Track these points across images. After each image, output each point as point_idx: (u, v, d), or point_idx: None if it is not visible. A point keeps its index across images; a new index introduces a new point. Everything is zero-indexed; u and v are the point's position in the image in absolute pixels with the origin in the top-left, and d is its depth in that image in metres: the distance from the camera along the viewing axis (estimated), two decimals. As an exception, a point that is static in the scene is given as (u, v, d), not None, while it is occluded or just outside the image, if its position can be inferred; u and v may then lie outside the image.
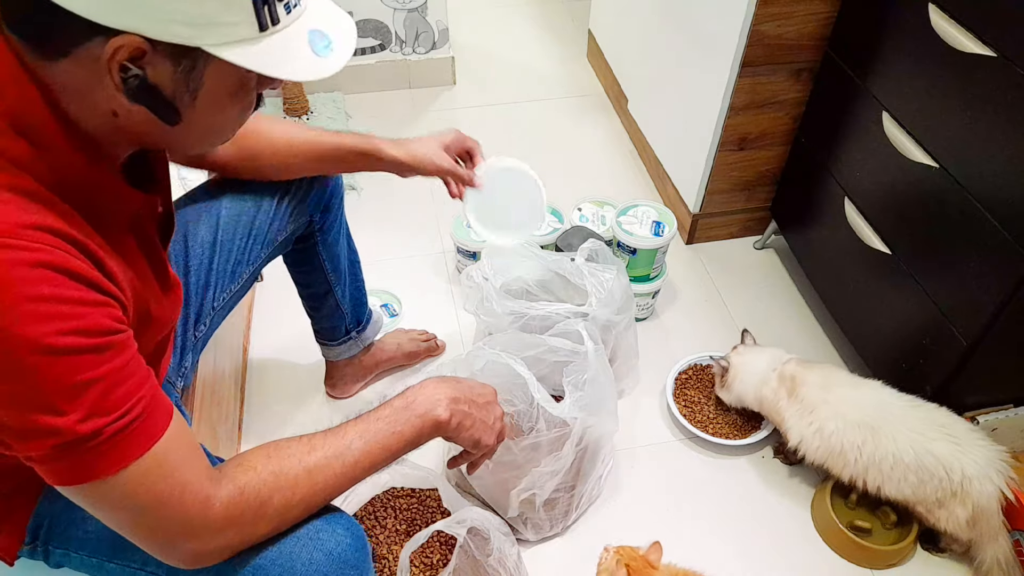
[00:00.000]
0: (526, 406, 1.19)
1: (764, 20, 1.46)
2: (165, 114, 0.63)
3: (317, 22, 0.66)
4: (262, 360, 1.61)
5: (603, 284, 1.37)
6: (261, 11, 0.60)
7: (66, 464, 0.61)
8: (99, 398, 0.60)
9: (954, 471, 1.16)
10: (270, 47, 0.62)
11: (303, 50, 0.64)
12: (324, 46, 0.66)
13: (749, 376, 1.36)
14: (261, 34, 0.61)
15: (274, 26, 0.62)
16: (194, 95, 0.63)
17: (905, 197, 1.31)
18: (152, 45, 0.57)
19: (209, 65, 0.61)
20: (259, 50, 0.61)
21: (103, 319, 0.61)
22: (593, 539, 1.31)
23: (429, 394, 0.86)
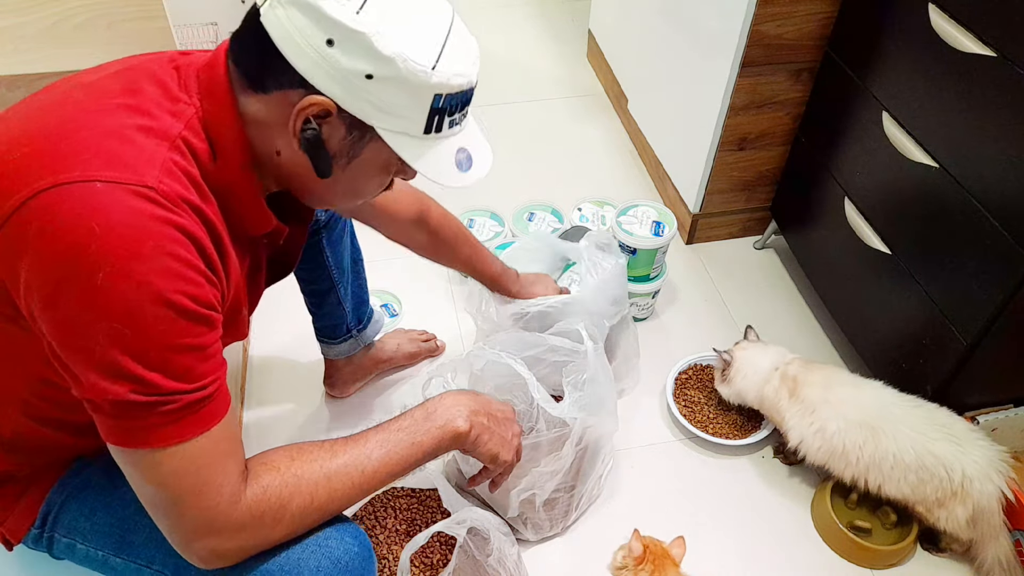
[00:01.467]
0: (526, 406, 1.19)
1: (764, 20, 1.46)
2: (321, 166, 0.72)
3: (468, 142, 0.77)
4: (262, 359, 1.61)
5: (600, 269, 1.37)
6: (432, 119, 0.71)
7: (131, 424, 0.64)
8: (190, 365, 0.65)
9: (954, 471, 1.16)
10: (425, 147, 0.73)
11: (447, 160, 0.75)
12: (465, 163, 0.77)
13: (752, 374, 1.36)
14: (423, 136, 0.72)
15: (436, 133, 0.72)
16: (350, 160, 0.74)
17: (905, 197, 1.31)
18: (338, 110, 0.68)
19: (372, 141, 0.72)
20: (415, 145, 0.72)
21: (214, 296, 0.68)
22: (593, 539, 1.32)
23: (449, 405, 0.88)
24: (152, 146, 0.66)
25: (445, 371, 1.21)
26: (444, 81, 0.69)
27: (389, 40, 0.65)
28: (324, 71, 0.66)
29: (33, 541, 0.85)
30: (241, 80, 0.70)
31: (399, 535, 1.24)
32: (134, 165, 0.64)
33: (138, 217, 0.62)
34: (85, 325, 0.61)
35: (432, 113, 0.70)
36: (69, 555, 0.85)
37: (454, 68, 0.69)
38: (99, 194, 0.61)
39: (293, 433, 1.48)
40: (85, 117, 0.66)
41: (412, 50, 0.67)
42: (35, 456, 0.83)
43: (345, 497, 0.77)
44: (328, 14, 0.64)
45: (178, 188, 0.65)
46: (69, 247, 0.60)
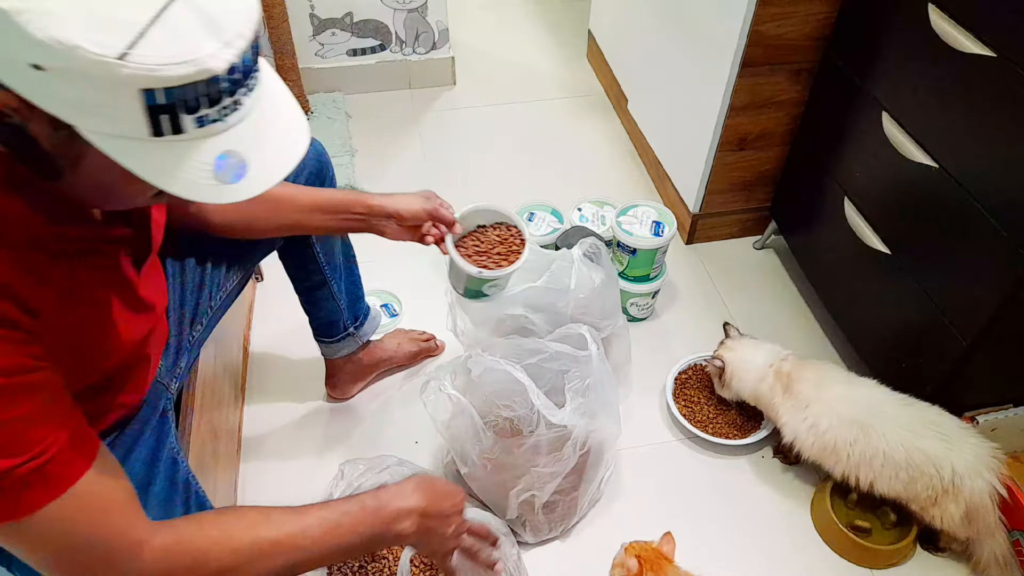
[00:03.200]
0: (526, 411, 1.18)
1: (764, 20, 1.46)
2: (38, 167, 0.59)
3: (243, 144, 0.59)
4: (262, 360, 1.61)
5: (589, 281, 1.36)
6: (157, 119, 0.54)
7: None
8: (9, 440, 0.59)
9: (944, 468, 1.17)
10: (162, 153, 0.56)
11: (202, 169, 0.58)
12: (236, 173, 0.59)
13: (746, 373, 1.37)
14: (154, 138, 0.55)
15: (175, 135, 0.55)
16: (75, 163, 0.59)
17: (905, 197, 1.31)
18: (29, 105, 0.53)
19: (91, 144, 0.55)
20: (146, 151, 0.55)
21: (22, 354, 0.60)
22: (592, 542, 1.32)
23: (401, 504, 0.84)
24: None
25: (443, 374, 1.21)
26: (145, 73, 0.52)
27: (47, 21, 0.50)
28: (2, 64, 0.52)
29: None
30: None
31: None
32: None
33: None
34: None
35: (153, 112, 0.54)
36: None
37: (164, 55, 0.52)
38: None
39: (293, 434, 1.48)
40: None
41: (82, 35, 0.50)
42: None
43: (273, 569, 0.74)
44: None
45: None
46: None
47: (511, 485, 1.20)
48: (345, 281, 1.38)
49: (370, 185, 2.04)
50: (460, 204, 1.26)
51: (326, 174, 1.24)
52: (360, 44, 2.30)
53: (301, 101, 2.22)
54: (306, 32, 2.22)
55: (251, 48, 0.58)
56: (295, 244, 1.27)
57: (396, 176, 2.09)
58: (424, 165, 2.13)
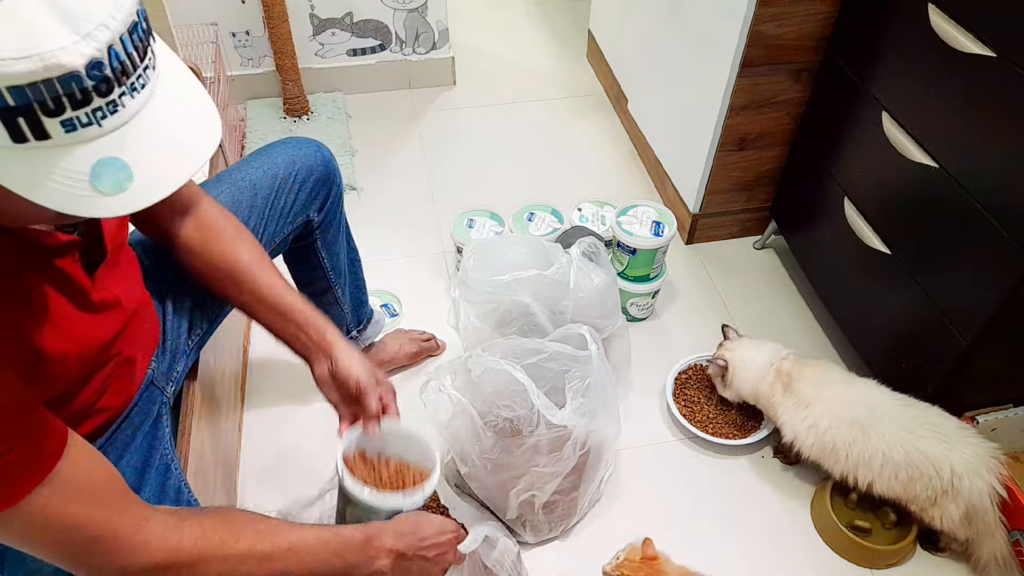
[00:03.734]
0: (526, 411, 1.18)
1: (764, 20, 1.46)
2: None
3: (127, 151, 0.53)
4: (262, 361, 1.61)
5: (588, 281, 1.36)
6: (12, 122, 0.48)
7: None
8: None
9: (943, 468, 1.17)
10: (28, 162, 0.50)
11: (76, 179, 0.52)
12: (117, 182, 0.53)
13: (747, 372, 1.37)
14: (17, 145, 0.50)
15: (39, 141, 0.50)
16: None
17: (905, 197, 1.31)
18: None
19: None
20: (9, 161, 0.50)
21: None
22: (592, 542, 1.32)
23: (384, 542, 0.87)
24: None
25: (443, 374, 1.21)
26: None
27: None
28: None
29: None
30: None
31: None
32: None
33: None
34: None
35: (5, 115, 0.48)
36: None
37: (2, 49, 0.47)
38: None
39: (293, 436, 1.48)
40: None
41: None
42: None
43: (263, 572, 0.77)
44: None
45: None
46: None
47: (511, 485, 1.20)
48: (350, 286, 1.38)
49: (370, 185, 2.04)
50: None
51: (333, 180, 1.23)
52: (360, 44, 2.30)
53: (301, 101, 2.22)
54: (306, 32, 2.22)
55: (130, 41, 0.52)
56: (301, 250, 1.27)
57: (396, 176, 2.09)
58: (424, 165, 2.13)
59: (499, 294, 1.33)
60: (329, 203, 1.24)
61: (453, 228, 1.73)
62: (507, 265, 1.37)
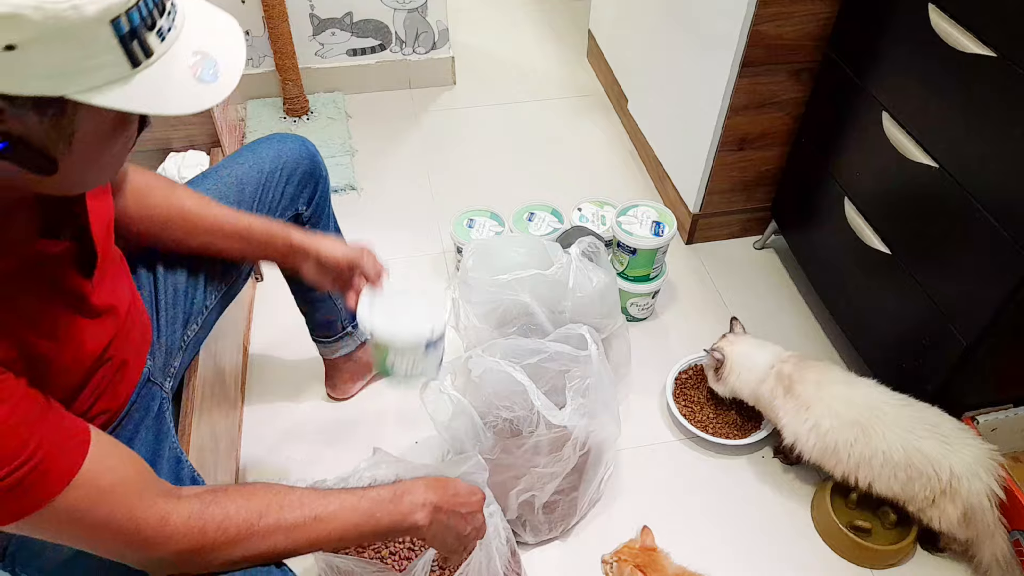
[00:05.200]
0: (526, 412, 1.18)
1: (764, 20, 1.46)
2: (36, 165, 0.57)
3: (199, 41, 0.60)
4: (263, 360, 1.61)
5: (587, 281, 1.36)
6: (131, 47, 0.54)
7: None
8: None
9: (942, 469, 1.17)
10: (147, 81, 0.56)
11: (185, 79, 0.58)
12: (210, 72, 0.59)
13: (747, 372, 1.36)
14: (135, 70, 0.55)
15: (148, 59, 0.56)
16: (68, 141, 0.58)
17: (905, 197, 1.31)
18: (9, 101, 0.52)
19: (80, 110, 0.55)
20: (134, 87, 0.55)
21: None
22: (592, 541, 1.31)
23: (417, 496, 0.86)
24: None
25: (443, 374, 1.21)
26: (108, 3, 0.52)
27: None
28: None
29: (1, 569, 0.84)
30: None
31: None
32: None
33: None
34: None
35: (125, 41, 0.53)
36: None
37: None
38: None
39: (294, 434, 1.48)
40: None
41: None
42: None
43: (296, 546, 0.77)
44: None
45: None
46: None
47: (511, 485, 1.20)
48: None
49: (370, 185, 2.04)
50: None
51: (319, 174, 1.24)
52: (360, 44, 2.30)
53: (301, 101, 2.22)
54: (306, 32, 2.22)
55: None
56: None
57: (396, 176, 2.09)
58: (424, 165, 2.13)
59: (499, 294, 1.33)
60: (317, 197, 1.24)
61: (453, 228, 1.73)
62: (507, 265, 1.37)
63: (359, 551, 1.17)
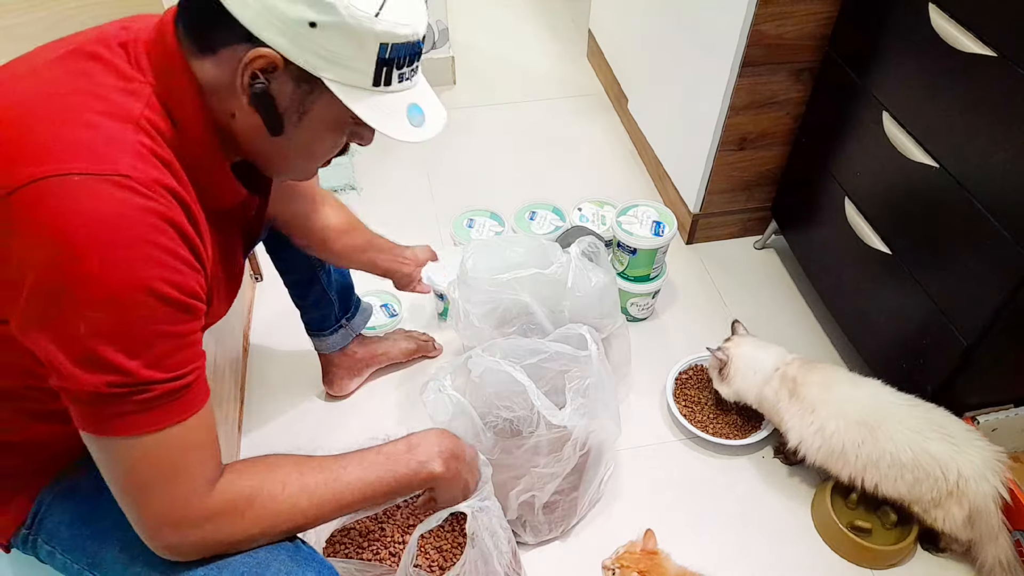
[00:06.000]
0: (526, 412, 1.18)
1: (764, 20, 1.46)
2: (272, 124, 0.72)
3: (419, 99, 0.76)
4: (262, 359, 1.61)
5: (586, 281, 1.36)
6: (380, 70, 0.70)
7: (105, 411, 0.64)
8: (168, 353, 0.65)
9: (950, 471, 1.16)
10: (376, 102, 0.71)
11: (400, 115, 0.74)
12: (418, 120, 0.76)
13: (752, 374, 1.36)
14: (373, 88, 0.71)
15: (386, 86, 0.71)
16: (301, 116, 0.72)
17: (905, 197, 1.31)
18: (285, 63, 0.67)
19: (322, 96, 0.70)
20: (366, 100, 0.71)
21: (196, 283, 0.68)
22: (592, 542, 1.31)
23: (431, 444, 0.90)
24: (119, 130, 0.65)
25: (443, 374, 1.21)
26: (389, 29, 0.68)
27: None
28: (267, 21, 0.65)
29: (22, 543, 0.84)
30: (191, 45, 0.70)
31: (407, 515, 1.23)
32: (105, 153, 0.63)
33: (117, 206, 0.62)
34: (67, 315, 0.61)
35: (380, 64, 0.70)
36: (51, 562, 0.84)
37: (399, 16, 0.68)
38: (77, 187, 0.61)
39: (293, 433, 1.48)
40: (44, 108, 0.65)
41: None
42: (33, 452, 0.82)
43: (317, 509, 0.79)
44: None
45: (152, 172, 0.65)
46: (50, 243, 0.60)
47: (511, 486, 1.20)
48: (335, 273, 1.38)
49: (370, 185, 2.04)
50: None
51: None
52: (360, 44, 2.29)
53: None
54: (306, 32, 2.22)
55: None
56: (280, 238, 1.26)
57: (396, 176, 2.09)
58: (424, 165, 2.13)
59: (499, 294, 1.33)
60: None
61: (453, 228, 1.73)
62: (507, 265, 1.37)
63: (359, 551, 1.17)
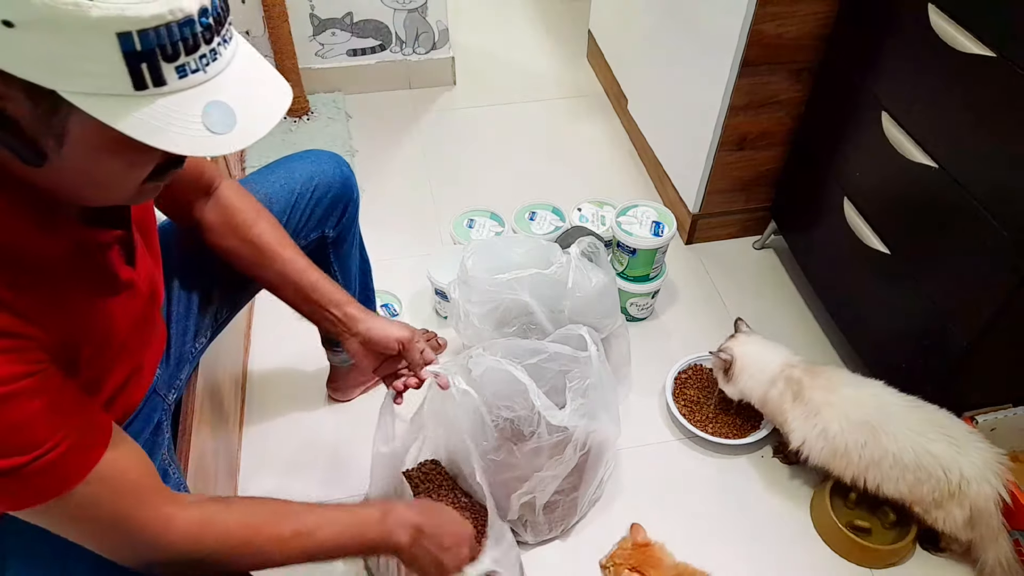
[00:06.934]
0: (527, 412, 1.18)
1: (764, 20, 1.46)
2: (24, 153, 0.56)
3: (226, 95, 0.57)
4: (262, 364, 1.61)
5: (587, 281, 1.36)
6: (137, 68, 0.52)
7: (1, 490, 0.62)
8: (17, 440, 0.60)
9: (952, 472, 1.16)
10: (148, 108, 0.54)
11: (192, 122, 0.55)
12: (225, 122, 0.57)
13: (758, 374, 1.34)
14: (138, 93, 0.53)
15: (157, 87, 0.53)
16: (59, 141, 0.56)
17: (905, 197, 1.31)
18: (4, 79, 0.51)
19: (73, 112, 0.53)
20: (131, 109, 0.53)
21: (15, 366, 0.60)
22: (592, 541, 1.32)
23: (403, 517, 0.89)
24: None
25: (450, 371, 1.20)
26: (117, 14, 0.50)
27: None
28: None
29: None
30: None
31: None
32: None
33: None
34: None
35: (131, 60, 0.52)
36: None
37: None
38: None
39: (294, 437, 1.48)
40: None
41: None
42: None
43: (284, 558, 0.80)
44: None
45: None
46: None
47: (513, 487, 1.20)
48: (359, 295, 1.37)
49: (370, 185, 2.04)
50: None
51: (350, 197, 1.23)
52: (360, 44, 2.30)
53: (301, 101, 2.22)
54: (306, 32, 2.22)
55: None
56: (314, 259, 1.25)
57: (396, 176, 2.09)
58: (424, 165, 2.13)
59: (499, 293, 1.33)
60: (344, 218, 1.24)
61: (453, 228, 1.73)
62: (507, 265, 1.37)
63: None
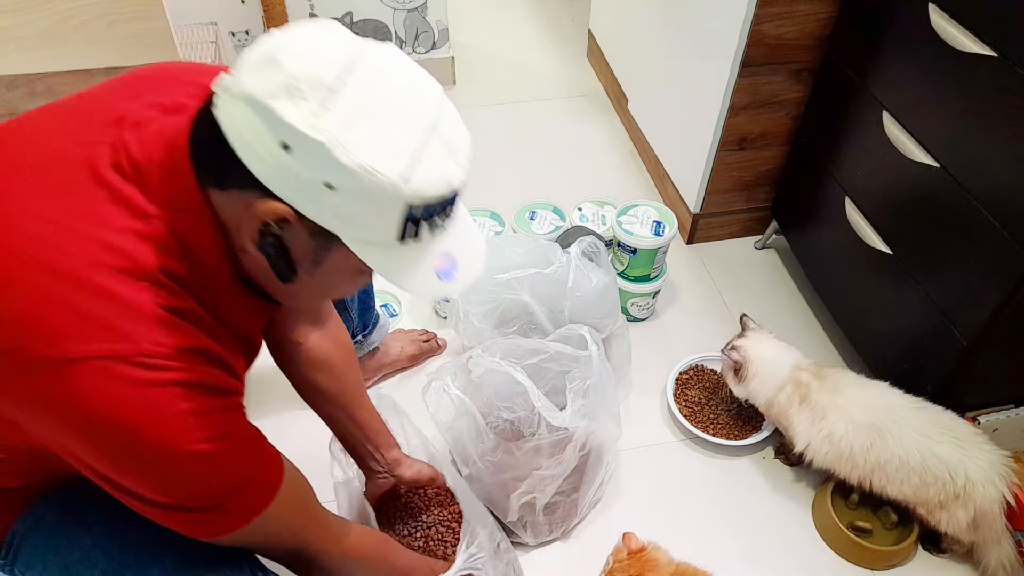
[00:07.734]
0: (527, 413, 1.18)
1: (764, 20, 1.46)
2: (282, 271, 0.67)
3: (453, 244, 0.70)
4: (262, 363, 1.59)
5: (587, 281, 1.35)
6: (407, 227, 0.63)
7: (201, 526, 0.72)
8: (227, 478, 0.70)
9: (958, 474, 1.16)
10: (400, 255, 0.65)
11: (426, 267, 0.67)
12: (447, 271, 0.69)
13: (769, 378, 1.32)
14: (398, 243, 0.64)
15: (414, 240, 0.65)
16: (317, 264, 0.67)
17: (905, 197, 1.30)
18: (299, 217, 0.61)
19: (340, 248, 0.64)
20: (387, 254, 0.65)
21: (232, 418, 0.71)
22: (593, 542, 1.31)
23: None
24: (133, 294, 0.63)
25: (444, 374, 1.21)
26: (418, 192, 0.61)
27: (351, 149, 0.58)
28: (281, 177, 0.60)
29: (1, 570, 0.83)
30: (206, 175, 0.65)
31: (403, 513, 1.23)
32: (124, 330, 0.62)
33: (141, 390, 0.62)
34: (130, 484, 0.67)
35: (406, 222, 0.63)
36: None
37: (431, 176, 0.62)
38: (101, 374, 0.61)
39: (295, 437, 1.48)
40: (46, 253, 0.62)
41: (379, 161, 0.59)
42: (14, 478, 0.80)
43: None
44: (282, 118, 0.57)
45: (173, 341, 0.64)
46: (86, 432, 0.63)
47: (512, 488, 1.20)
48: (360, 293, 1.38)
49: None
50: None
51: None
52: (360, 44, 2.29)
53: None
54: (306, 32, 2.21)
55: None
56: None
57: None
58: (424, 165, 2.13)
59: (499, 293, 1.33)
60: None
61: (453, 228, 1.73)
62: (507, 265, 1.37)
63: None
